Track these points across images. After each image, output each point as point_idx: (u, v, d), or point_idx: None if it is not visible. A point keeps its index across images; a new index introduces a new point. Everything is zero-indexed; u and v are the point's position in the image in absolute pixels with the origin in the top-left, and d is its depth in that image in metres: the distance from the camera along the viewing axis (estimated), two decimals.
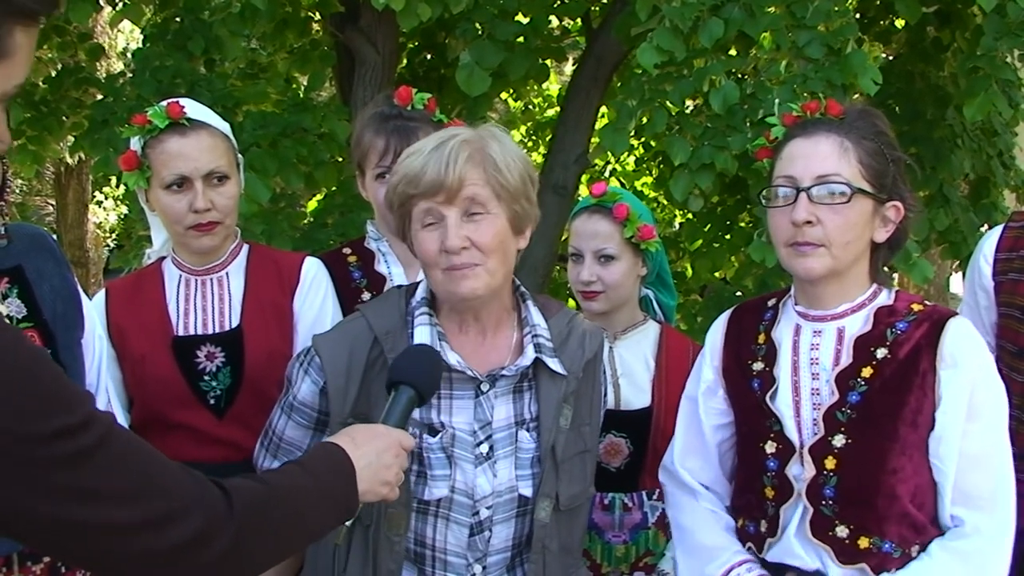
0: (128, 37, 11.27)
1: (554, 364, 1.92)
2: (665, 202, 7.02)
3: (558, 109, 7.17)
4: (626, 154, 7.56)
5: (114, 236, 14.20)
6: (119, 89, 4.89)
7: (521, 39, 4.78)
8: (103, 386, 2.18)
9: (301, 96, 5.47)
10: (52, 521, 1.17)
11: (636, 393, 2.57)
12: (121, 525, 1.20)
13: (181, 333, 2.39)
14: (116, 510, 1.20)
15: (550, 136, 6.50)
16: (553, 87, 8.59)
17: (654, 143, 5.96)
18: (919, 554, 1.89)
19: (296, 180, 4.76)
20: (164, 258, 2.50)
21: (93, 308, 2.23)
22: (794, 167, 1.94)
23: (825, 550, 1.91)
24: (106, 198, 13.81)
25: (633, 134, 4.61)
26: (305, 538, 1.49)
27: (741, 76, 4.57)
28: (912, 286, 7.72)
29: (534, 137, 8.76)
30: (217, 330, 2.40)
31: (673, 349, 2.62)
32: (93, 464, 1.18)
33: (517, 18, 4.96)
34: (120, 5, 5.55)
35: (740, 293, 5.14)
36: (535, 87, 7.59)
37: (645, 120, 4.21)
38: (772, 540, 1.97)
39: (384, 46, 5.36)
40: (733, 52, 4.55)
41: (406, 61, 6.33)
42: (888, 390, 1.89)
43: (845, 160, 1.91)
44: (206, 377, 2.37)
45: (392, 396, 1.71)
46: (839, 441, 1.90)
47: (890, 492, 1.87)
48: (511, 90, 7.00)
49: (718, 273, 6.02)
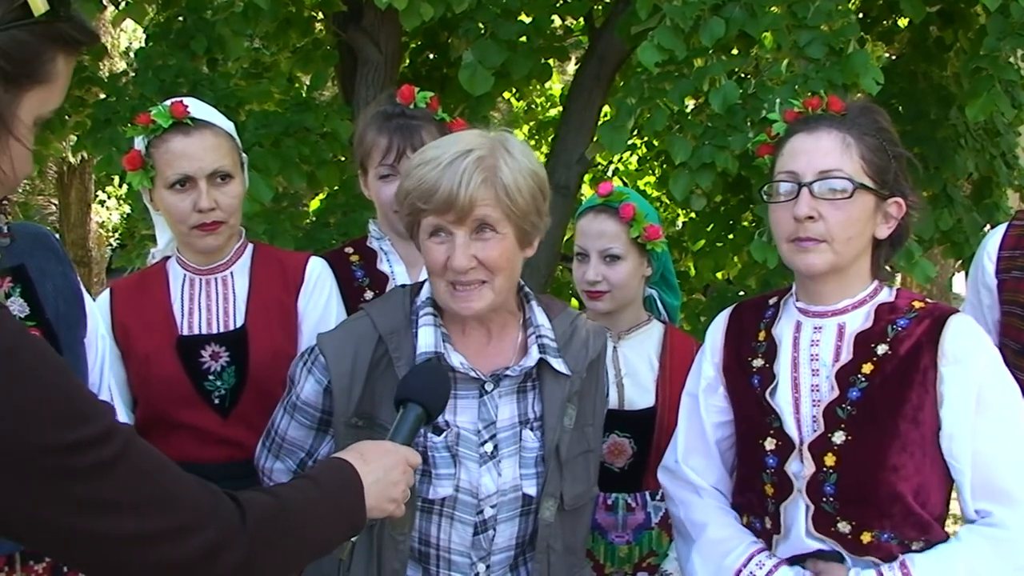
0: (131, 36, 11.27)
1: (558, 364, 1.92)
2: (668, 202, 7.00)
3: (560, 109, 7.17)
4: (629, 153, 7.56)
5: (117, 235, 14.22)
6: (122, 88, 4.89)
7: (524, 38, 4.78)
8: (105, 386, 2.18)
9: (303, 95, 5.47)
10: (70, 531, 1.18)
11: (640, 393, 2.57)
12: (139, 536, 1.21)
13: (185, 332, 2.39)
14: (134, 521, 1.20)
15: (552, 135, 6.50)
16: (556, 86, 8.59)
17: (656, 142, 5.95)
18: (922, 550, 1.87)
19: (298, 179, 4.76)
20: (169, 258, 2.50)
21: (97, 307, 2.23)
22: (796, 162, 1.93)
23: (832, 543, 1.90)
24: (109, 197, 13.82)
25: (635, 133, 4.61)
26: (313, 552, 1.50)
27: (742, 76, 4.56)
28: (915, 286, 7.71)
29: (536, 136, 8.74)
30: (221, 330, 2.40)
31: (677, 349, 2.61)
32: (113, 476, 1.19)
33: (520, 17, 4.96)
34: (123, 4, 5.55)
35: (743, 293, 5.13)
36: (537, 86, 7.59)
37: (646, 118, 4.20)
38: (778, 537, 1.96)
39: (387, 45, 5.36)
40: (734, 52, 4.54)
41: (408, 60, 6.33)
42: (889, 386, 1.88)
43: (847, 156, 1.90)
44: (210, 377, 2.37)
45: (400, 413, 1.71)
46: (839, 438, 1.89)
47: (891, 489, 1.86)
48: (514, 89, 6.99)
49: (721, 273, 6.01)
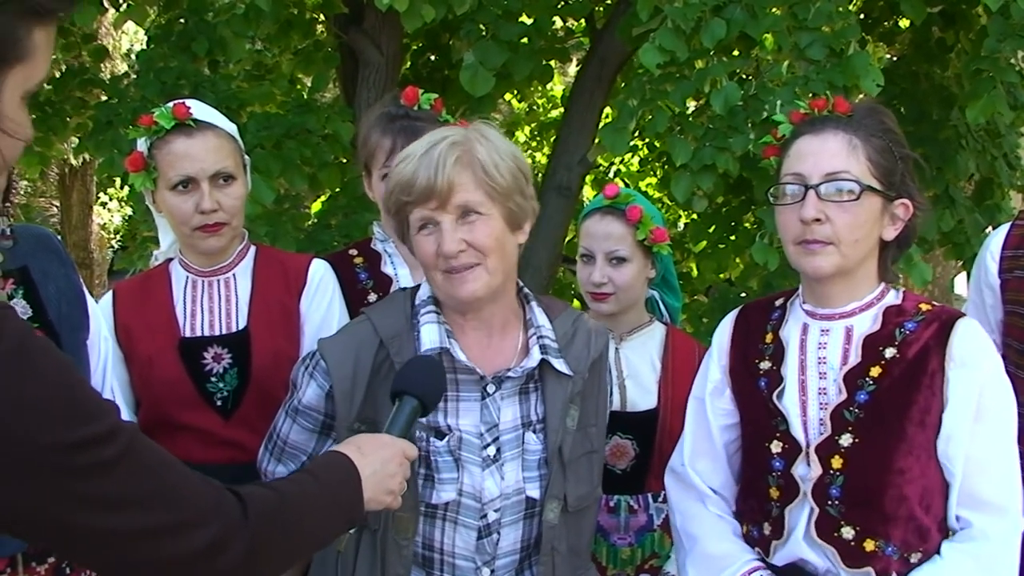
0: (132, 38, 11.28)
1: (560, 365, 1.92)
2: (669, 203, 7.00)
3: (562, 110, 7.16)
4: (630, 155, 7.56)
5: (118, 237, 14.22)
6: (123, 90, 4.90)
7: (525, 40, 4.79)
8: (108, 387, 2.17)
9: (305, 97, 5.47)
10: (76, 528, 1.19)
11: (642, 395, 2.56)
12: (143, 532, 1.22)
13: (188, 334, 2.39)
14: (139, 518, 1.21)
15: (554, 137, 6.50)
16: (557, 88, 8.59)
17: (658, 144, 5.95)
18: (920, 561, 1.88)
19: (300, 181, 4.76)
20: (172, 260, 2.50)
21: (100, 309, 2.23)
22: (803, 164, 1.92)
23: (831, 552, 1.89)
24: (110, 199, 13.84)
25: (636, 134, 4.61)
26: (313, 545, 1.51)
27: (743, 77, 4.56)
28: (912, 288, 7.69)
29: (538, 138, 8.76)
30: (224, 331, 2.40)
31: (679, 350, 2.61)
32: (118, 472, 1.20)
33: (521, 19, 4.96)
34: (124, 6, 5.56)
35: (744, 294, 5.13)
36: (539, 88, 7.58)
37: (647, 120, 4.20)
38: (778, 543, 1.96)
39: (388, 47, 5.37)
40: (735, 53, 4.54)
41: (410, 62, 6.33)
42: (897, 390, 1.88)
43: (854, 157, 1.90)
44: (213, 378, 2.36)
45: (396, 406, 1.71)
46: (846, 440, 1.89)
47: (897, 493, 1.86)
48: (515, 91, 7.00)
49: (723, 274, 6.01)
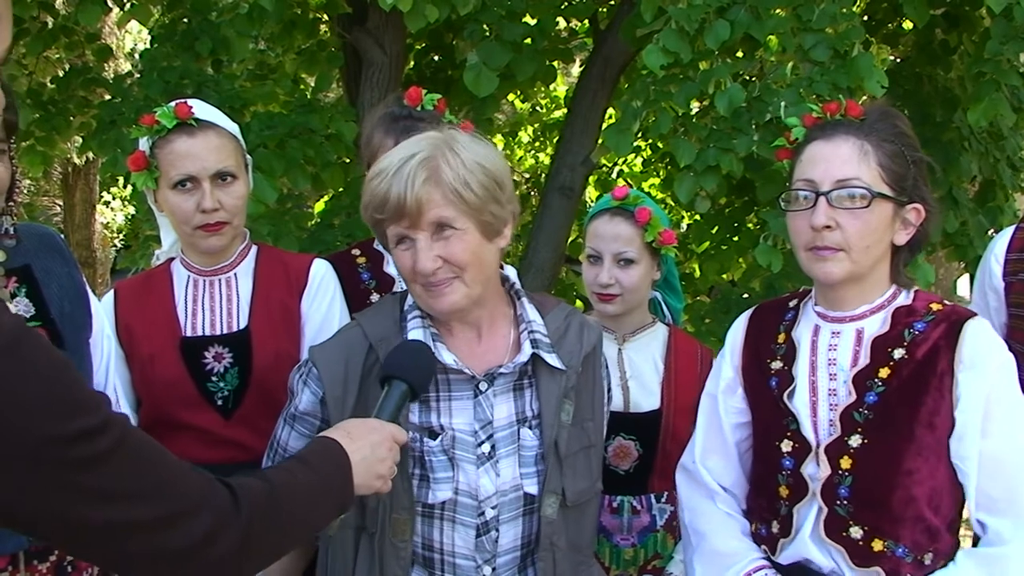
0: (136, 38, 11.29)
1: (552, 359, 1.91)
2: (673, 204, 6.99)
3: (565, 111, 7.16)
4: (633, 155, 7.56)
5: (121, 236, 14.24)
6: (127, 90, 4.90)
7: (528, 40, 4.79)
8: (111, 386, 2.18)
9: (308, 97, 5.47)
10: (73, 521, 1.19)
11: (645, 395, 2.56)
12: (137, 524, 1.22)
13: (189, 334, 2.39)
14: (133, 509, 1.22)
15: (557, 137, 6.50)
16: (560, 88, 8.60)
17: (661, 145, 5.95)
18: (932, 561, 1.88)
19: (303, 181, 4.75)
20: (173, 259, 2.50)
21: (102, 308, 2.24)
22: (814, 170, 1.92)
23: (839, 551, 1.90)
24: (113, 198, 13.86)
25: (640, 135, 4.60)
26: (306, 532, 1.52)
27: (747, 79, 4.55)
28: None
29: (541, 138, 8.76)
30: (225, 331, 2.40)
31: (682, 351, 2.61)
32: (112, 465, 1.20)
33: (524, 19, 4.96)
34: (128, 6, 5.57)
35: (747, 296, 5.12)
36: (542, 88, 7.59)
37: (651, 121, 4.20)
38: (785, 541, 1.96)
39: (391, 47, 5.37)
40: (739, 54, 4.54)
41: (413, 62, 6.33)
42: (905, 391, 1.88)
43: (865, 164, 1.89)
44: (214, 378, 2.37)
45: (385, 391, 1.72)
46: (855, 441, 1.89)
47: (905, 493, 1.86)
48: (518, 91, 7.00)
49: (725, 275, 6.01)
